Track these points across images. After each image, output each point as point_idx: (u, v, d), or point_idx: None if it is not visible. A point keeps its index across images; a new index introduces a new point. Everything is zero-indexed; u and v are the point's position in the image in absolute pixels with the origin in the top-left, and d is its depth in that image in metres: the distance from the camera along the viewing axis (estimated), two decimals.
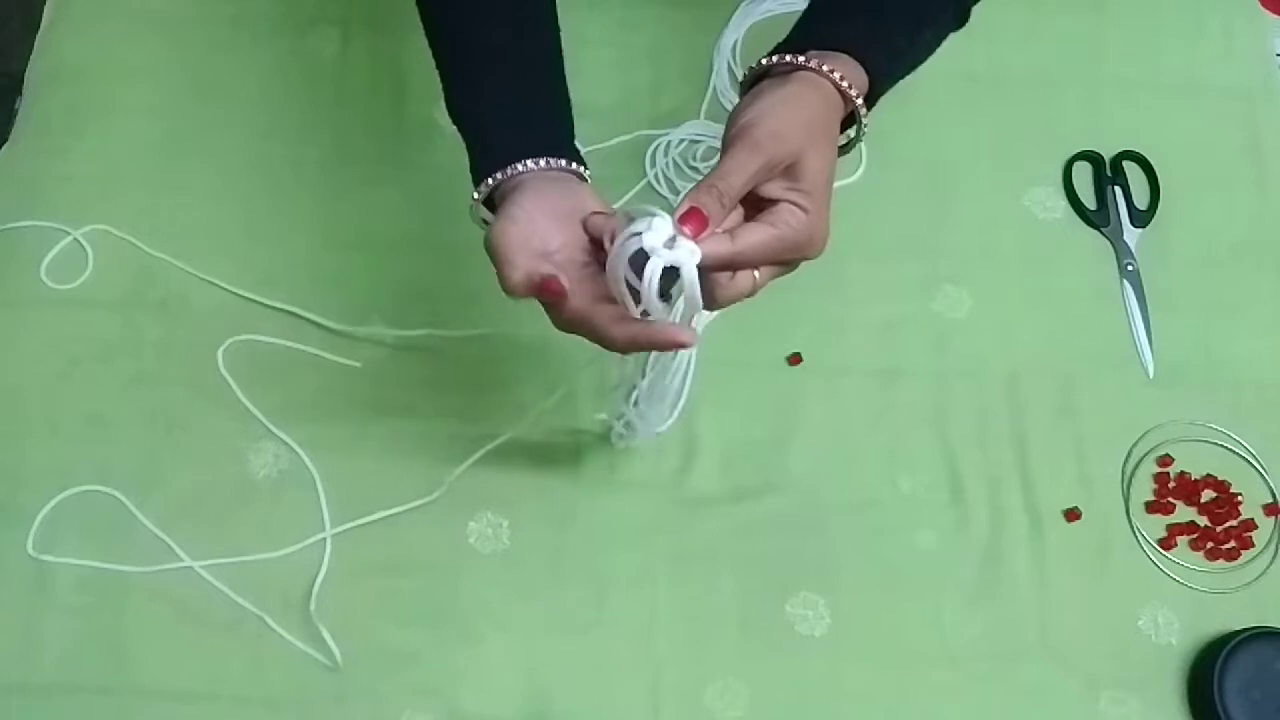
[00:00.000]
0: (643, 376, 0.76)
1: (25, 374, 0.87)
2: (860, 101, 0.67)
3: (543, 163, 0.68)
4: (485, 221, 0.69)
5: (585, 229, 0.66)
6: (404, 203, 0.94)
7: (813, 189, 0.62)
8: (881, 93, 0.69)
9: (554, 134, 0.72)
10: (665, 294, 0.62)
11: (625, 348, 0.64)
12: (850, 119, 0.69)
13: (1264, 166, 1.00)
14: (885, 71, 0.68)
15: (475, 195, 0.69)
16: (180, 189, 0.94)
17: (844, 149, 0.70)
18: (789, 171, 0.62)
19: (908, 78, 0.75)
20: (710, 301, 0.63)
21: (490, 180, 0.68)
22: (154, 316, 0.89)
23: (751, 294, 0.64)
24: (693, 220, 0.59)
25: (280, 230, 0.93)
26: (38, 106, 0.97)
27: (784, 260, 0.63)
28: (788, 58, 0.66)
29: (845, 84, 0.65)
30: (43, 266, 0.90)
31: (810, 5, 0.72)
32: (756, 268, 0.63)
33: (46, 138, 0.95)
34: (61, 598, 0.80)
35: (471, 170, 0.70)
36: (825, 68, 0.65)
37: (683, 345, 0.63)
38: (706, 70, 1.01)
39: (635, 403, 0.78)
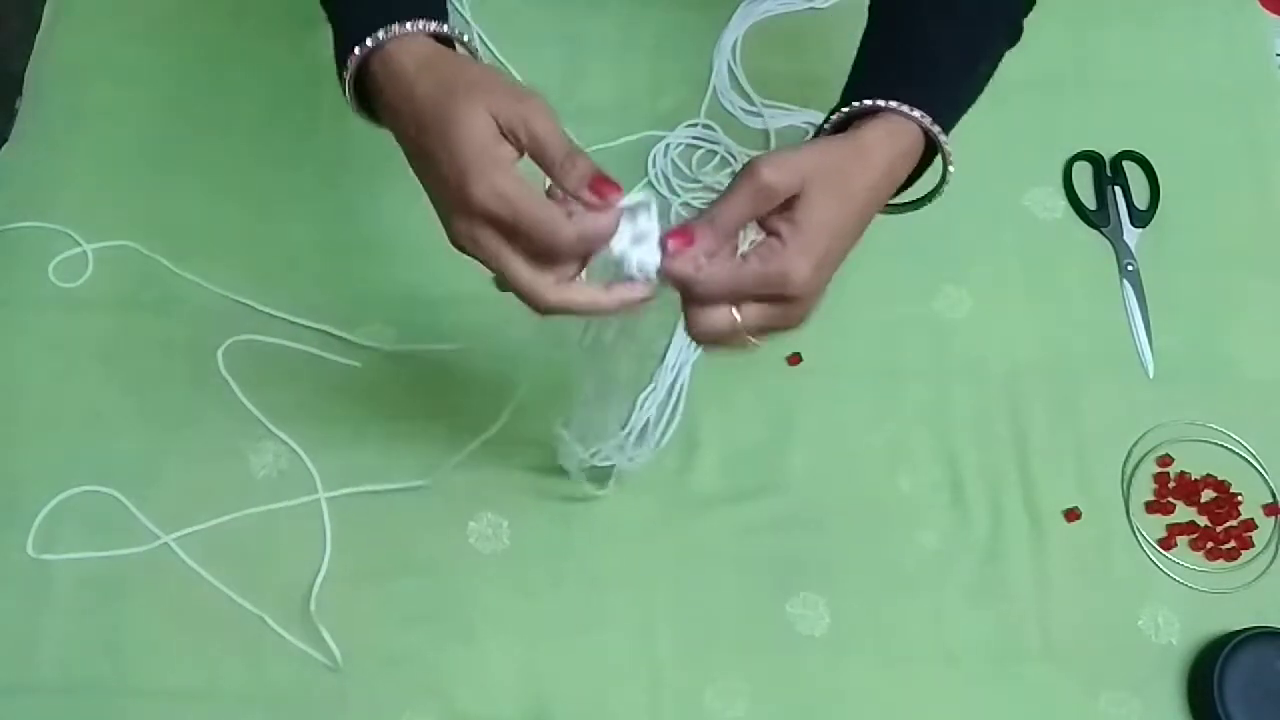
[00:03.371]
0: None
1: (25, 374, 0.87)
2: (937, 130, 0.65)
3: (431, 25, 0.62)
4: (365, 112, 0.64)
5: (534, 143, 0.60)
6: (404, 204, 0.93)
7: (802, 224, 0.60)
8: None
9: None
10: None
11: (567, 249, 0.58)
12: (924, 164, 0.67)
13: (1264, 166, 1.00)
14: (948, 119, 0.67)
15: (347, 66, 0.63)
16: (180, 189, 0.94)
17: (929, 195, 0.70)
18: (789, 204, 0.60)
19: None
20: (690, 332, 0.61)
21: (370, 41, 0.61)
22: (154, 316, 0.89)
23: (735, 338, 0.61)
24: (679, 235, 0.59)
25: (280, 230, 0.93)
26: (38, 106, 0.97)
27: (759, 295, 0.60)
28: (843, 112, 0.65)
29: (917, 114, 0.64)
30: (49, 268, 0.90)
31: (861, 60, 0.70)
32: (725, 302, 0.60)
33: (46, 138, 0.95)
34: (61, 598, 0.80)
35: (338, 40, 0.64)
36: (891, 104, 0.64)
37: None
38: (706, 70, 1.01)
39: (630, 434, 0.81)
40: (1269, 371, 0.93)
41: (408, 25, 0.62)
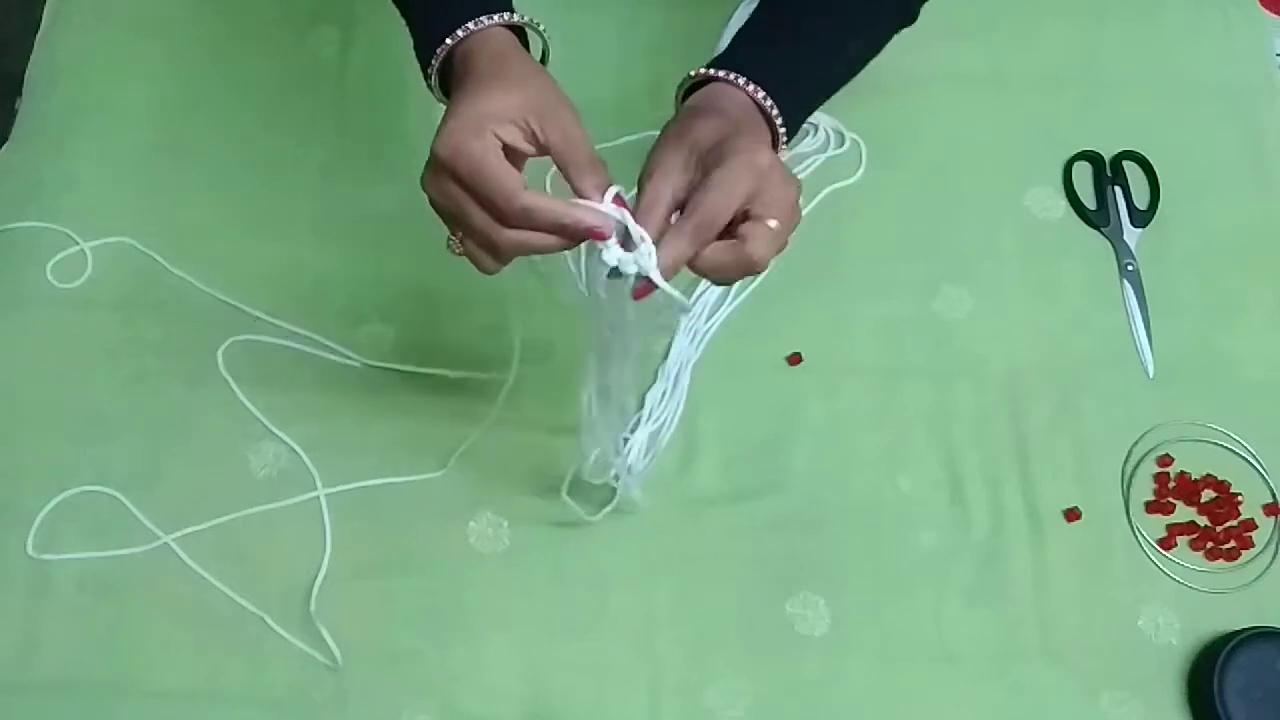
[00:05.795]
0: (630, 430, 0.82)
1: (25, 374, 0.87)
2: (762, 96, 0.69)
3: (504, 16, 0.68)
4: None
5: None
6: (404, 203, 0.93)
7: (727, 152, 0.64)
8: (800, 116, 0.72)
9: None
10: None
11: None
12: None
13: (1264, 166, 1.00)
14: (796, 99, 0.71)
15: (439, 51, 0.68)
16: (180, 188, 0.94)
17: None
18: (710, 160, 0.65)
19: (894, 78, 0.76)
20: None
21: (452, 38, 0.68)
22: (154, 316, 0.89)
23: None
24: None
25: (280, 230, 0.93)
26: (38, 106, 0.97)
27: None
28: (702, 73, 0.71)
29: (756, 92, 0.69)
30: (48, 268, 0.90)
31: (736, 36, 0.75)
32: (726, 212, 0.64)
33: (46, 138, 0.95)
34: (61, 598, 0.80)
35: (421, 40, 0.70)
36: (734, 78, 0.69)
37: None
38: None
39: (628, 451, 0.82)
40: (1269, 371, 0.93)
41: (484, 20, 0.68)
